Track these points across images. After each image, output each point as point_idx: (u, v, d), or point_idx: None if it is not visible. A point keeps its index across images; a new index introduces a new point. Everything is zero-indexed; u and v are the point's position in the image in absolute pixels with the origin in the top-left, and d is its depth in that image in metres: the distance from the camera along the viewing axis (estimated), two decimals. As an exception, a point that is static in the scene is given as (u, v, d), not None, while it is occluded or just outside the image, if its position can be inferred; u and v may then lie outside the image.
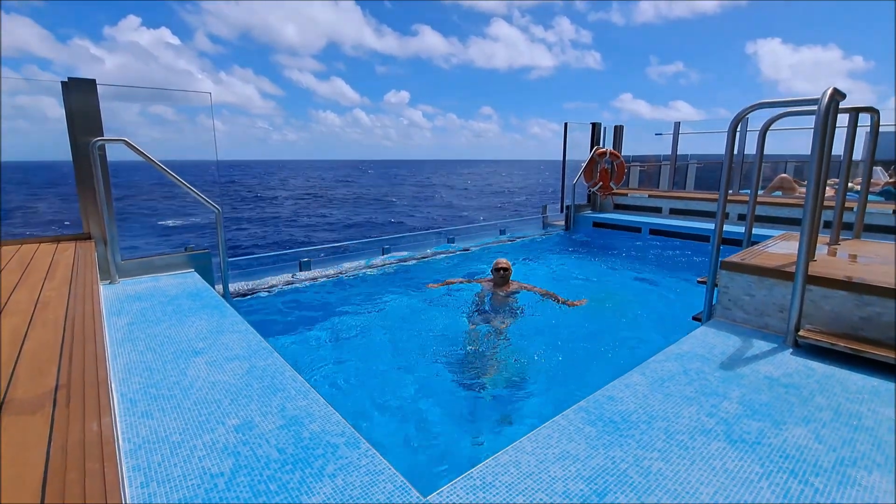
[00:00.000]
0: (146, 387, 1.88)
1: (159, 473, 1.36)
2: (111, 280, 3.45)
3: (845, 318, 2.28)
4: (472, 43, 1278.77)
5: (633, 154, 9.23)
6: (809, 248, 2.30)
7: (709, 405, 1.77)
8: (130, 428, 1.59)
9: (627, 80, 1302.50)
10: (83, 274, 2.67)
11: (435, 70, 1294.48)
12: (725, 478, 1.37)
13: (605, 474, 1.39)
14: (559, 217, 7.97)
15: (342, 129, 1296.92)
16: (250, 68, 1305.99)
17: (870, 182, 3.58)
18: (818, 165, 2.25)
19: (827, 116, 2.22)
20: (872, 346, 2.11)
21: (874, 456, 1.47)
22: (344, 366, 3.21)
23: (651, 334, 3.68)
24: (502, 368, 3.15)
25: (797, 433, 1.59)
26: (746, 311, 2.60)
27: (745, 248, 3.12)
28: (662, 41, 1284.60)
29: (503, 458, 1.47)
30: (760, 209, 6.25)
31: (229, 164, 25.07)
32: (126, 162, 3.61)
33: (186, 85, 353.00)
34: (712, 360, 2.17)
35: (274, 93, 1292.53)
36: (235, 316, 2.73)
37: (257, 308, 4.13)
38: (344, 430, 1.59)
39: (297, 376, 1.98)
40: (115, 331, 2.48)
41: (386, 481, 1.34)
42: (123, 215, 21.42)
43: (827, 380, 1.97)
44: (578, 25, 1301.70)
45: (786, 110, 3.01)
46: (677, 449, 1.51)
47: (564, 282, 5.32)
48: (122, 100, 3.63)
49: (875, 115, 3.20)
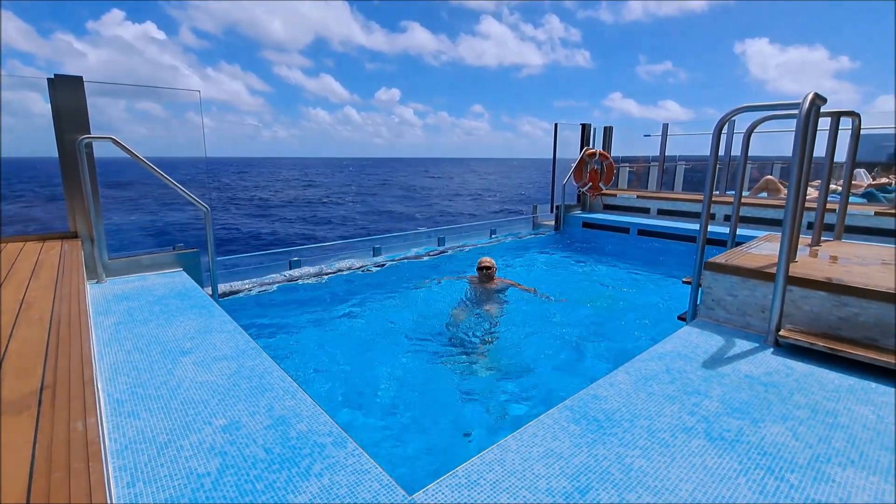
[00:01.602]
0: (133, 387, 1.87)
1: (145, 473, 1.36)
2: (98, 279, 3.42)
3: (824, 319, 2.34)
4: (462, 40, 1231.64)
5: (623, 154, 9.31)
6: (790, 250, 2.35)
7: (690, 404, 1.81)
8: (117, 428, 1.58)
9: (617, 78, 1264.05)
10: (69, 273, 2.65)
11: (425, 67, 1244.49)
12: (704, 474, 1.41)
13: (587, 472, 1.42)
14: (549, 217, 8.03)
15: (333, 127, 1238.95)
16: (237, 64, 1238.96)
17: (851, 185, 3.66)
18: (799, 169, 2.30)
19: (808, 120, 2.27)
20: (849, 346, 2.17)
21: (848, 452, 1.51)
22: (333, 365, 3.21)
23: (637, 333, 3.74)
24: (490, 366, 3.17)
25: (775, 431, 1.63)
26: (729, 311, 2.65)
27: (730, 248, 3.18)
28: (651, 40, 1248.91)
29: (488, 456, 1.49)
30: (746, 210, 6.35)
31: (206, 162, 23.79)
32: (113, 159, 3.58)
33: (173, 80, 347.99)
34: (695, 359, 2.21)
35: (262, 89, 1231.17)
36: (223, 315, 2.73)
37: (246, 307, 4.12)
38: (331, 429, 1.60)
39: (285, 376, 1.99)
40: (101, 330, 2.47)
41: (372, 480, 1.35)
42: (110, 213, 20.90)
43: (805, 378, 2.02)
44: (568, 23, 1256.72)
45: (769, 114, 3.07)
46: (658, 447, 1.54)
47: (554, 281, 5.37)
48: (107, 96, 3.58)
49: (856, 119, 3.27)
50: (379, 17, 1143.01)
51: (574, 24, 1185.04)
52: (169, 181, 3.54)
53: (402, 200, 30.92)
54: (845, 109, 3.13)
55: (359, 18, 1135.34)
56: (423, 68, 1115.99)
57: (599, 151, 7.85)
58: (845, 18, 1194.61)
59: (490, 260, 4.37)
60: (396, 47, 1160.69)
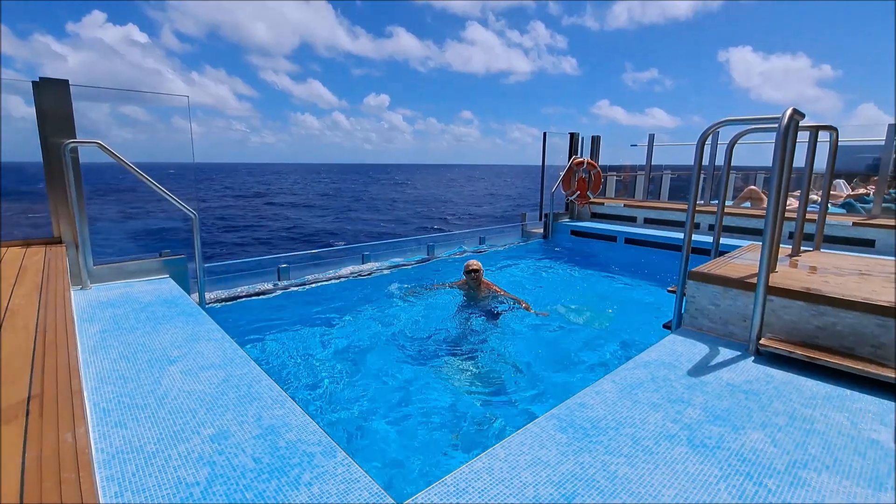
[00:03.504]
0: (120, 396, 1.86)
1: (134, 483, 1.36)
2: (83, 286, 3.37)
3: (803, 328, 2.41)
4: (449, 46, 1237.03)
5: (610, 163, 9.45)
6: (770, 261, 2.42)
7: (674, 411, 1.85)
8: (103, 438, 1.57)
9: (604, 86, 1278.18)
10: (54, 279, 2.62)
11: (412, 73, 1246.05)
12: (686, 481, 1.45)
13: (573, 479, 1.45)
14: (538, 225, 8.11)
15: (322, 132, 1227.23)
16: (223, 68, 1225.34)
17: (829, 196, 3.78)
18: (778, 181, 2.38)
19: (787, 135, 2.36)
20: (826, 354, 2.24)
21: (824, 458, 1.57)
22: (322, 374, 3.21)
23: (624, 341, 3.79)
24: (479, 374, 3.20)
25: (755, 437, 1.68)
26: (712, 320, 2.71)
27: (713, 258, 3.25)
28: (636, 47, 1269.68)
29: (476, 464, 1.51)
30: (729, 220, 6.48)
31: (177, 167, 21.74)
32: (97, 164, 3.54)
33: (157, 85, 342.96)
34: (679, 367, 2.26)
35: (249, 94, 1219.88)
36: (211, 323, 2.71)
37: (234, 315, 4.09)
38: (321, 438, 1.61)
39: (274, 385, 1.99)
40: (87, 338, 2.44)
41: (362, 489, 1.37)
42: (95, 218, 20.10)
43: (784, 386, 2.08)
44: (553, 30, 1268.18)
45: (750, 127, 3.17)
46: (642, 454, 1.58)
47: (543, 289, 5.42)
48: (90, 100, 3.55)
49: (833, 133, 3.39)
50: (363, 22, 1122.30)
51: (559, 30, 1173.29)
52: (156, 187, 3.52)
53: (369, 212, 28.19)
54: (824, 123, 3.25)
55: (343, 23, 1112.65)
56: (411, 74, 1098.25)
57: (587, 160, 7.97)
58: (826, 27, 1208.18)
59: (477, 263, 4.36)
60: (383, 52, 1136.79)
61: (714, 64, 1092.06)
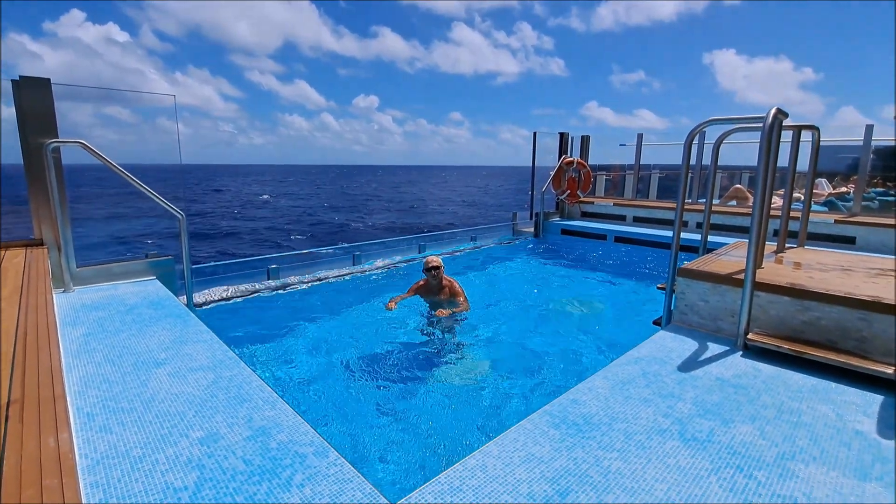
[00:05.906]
0: (104, 400, 1.81)
1: (119, 489, 1.33)
2: (65, 288, 3.30)
3: (789, 322, 2.44)
4: (436, 47, 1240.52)
5: (599, 163, 9.52)
6: (756, 257, 2.45)
7: (665, 406, 1.87)
8: (88, 443, 1.53)
9: (592, 87, 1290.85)
10: (35, 282, 2.56)
11: (400, 74, 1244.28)
12: (678, 474, 1.46)
13: (567, 475, 1.45)
14: (529, 224, 8.14)
15: (311, 134, 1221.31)
16: (206, 68, 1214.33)
17: (812, 195, 3.85)
18: (763, 179, 2.42)
19: (771, 134, 2.39)
20: (812, 348, 2.27)
21: (811, 450, 1.59)
22: (313, 374, 3.18)
23: (615, 338, 3.82)
24: (469, 373, 3.19)
25: (744, 430, 1.70)
26: (701, 316, 2.74)
27: (702, 255, 3.29)
28: (623, 49, 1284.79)
29: (470, 462, 1.51)
30: (717, 218, 6.57)
31: (181, 169, 21.14)
32: (81, 165, 3.47)
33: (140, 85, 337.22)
34: (669, 363, 2.28)
35: (235, 95, 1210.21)
36: (199, 325, 2.67)
37: (223, 317, 4.03)
38: (312, 439, 1.59)
39: (265, 386, 1.96)
40: (70, 342, 2.38)
41: (354, 489, 1.35)
42: (78, 219, 19.45)
43: (772, 380, 2.11)
44: (540, 31, 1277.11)
45: (735, 126, 3.21)
46: (635, 448, 1.58)
47: (534, 286, 5.44)
48: (71, 100, 3.47)
49: (816, 133, 3.45)
50: (347, 22, 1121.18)
51: (546, 31, 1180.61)
52: (142, 187, 3.46)
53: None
54: (806, 123, 3.30)
55: (328, 22, 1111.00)
56: (398, 75, 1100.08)
57: (577, 160, 8.01)
58: (807, 29, 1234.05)
59: (437, 259, 4.03)
60: (368, 53, 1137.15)
61: (699, 66, 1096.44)
